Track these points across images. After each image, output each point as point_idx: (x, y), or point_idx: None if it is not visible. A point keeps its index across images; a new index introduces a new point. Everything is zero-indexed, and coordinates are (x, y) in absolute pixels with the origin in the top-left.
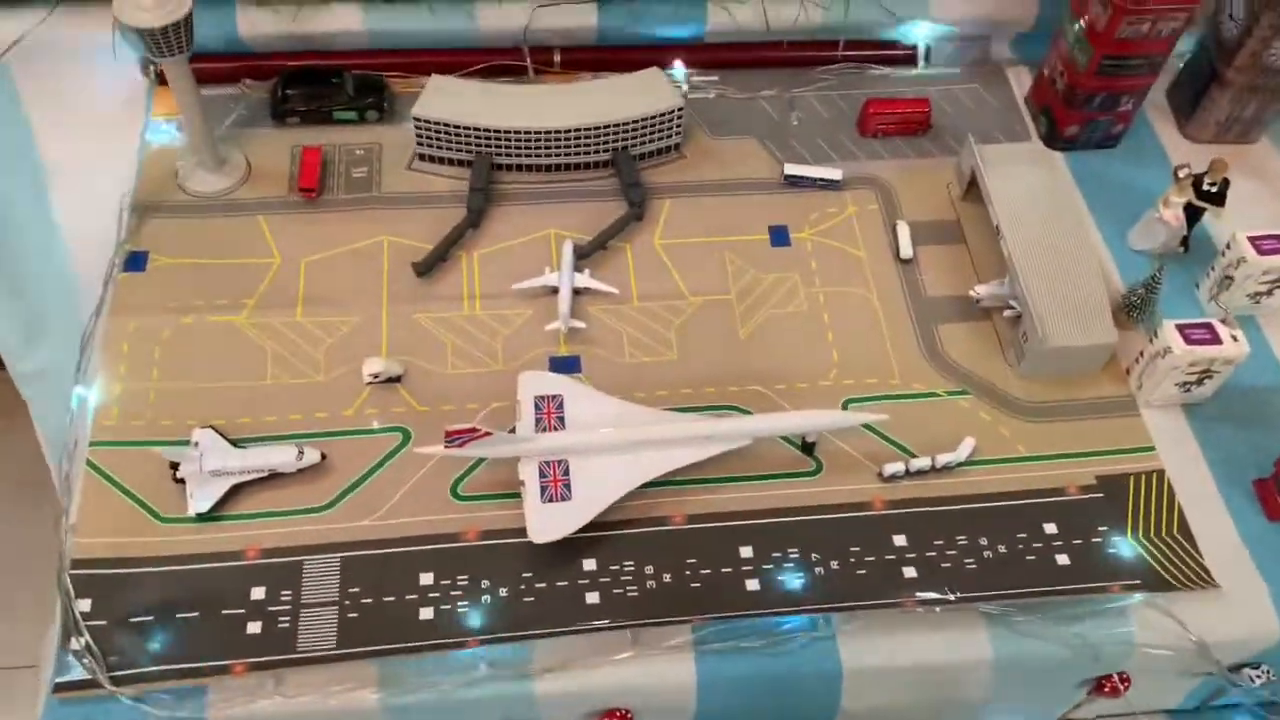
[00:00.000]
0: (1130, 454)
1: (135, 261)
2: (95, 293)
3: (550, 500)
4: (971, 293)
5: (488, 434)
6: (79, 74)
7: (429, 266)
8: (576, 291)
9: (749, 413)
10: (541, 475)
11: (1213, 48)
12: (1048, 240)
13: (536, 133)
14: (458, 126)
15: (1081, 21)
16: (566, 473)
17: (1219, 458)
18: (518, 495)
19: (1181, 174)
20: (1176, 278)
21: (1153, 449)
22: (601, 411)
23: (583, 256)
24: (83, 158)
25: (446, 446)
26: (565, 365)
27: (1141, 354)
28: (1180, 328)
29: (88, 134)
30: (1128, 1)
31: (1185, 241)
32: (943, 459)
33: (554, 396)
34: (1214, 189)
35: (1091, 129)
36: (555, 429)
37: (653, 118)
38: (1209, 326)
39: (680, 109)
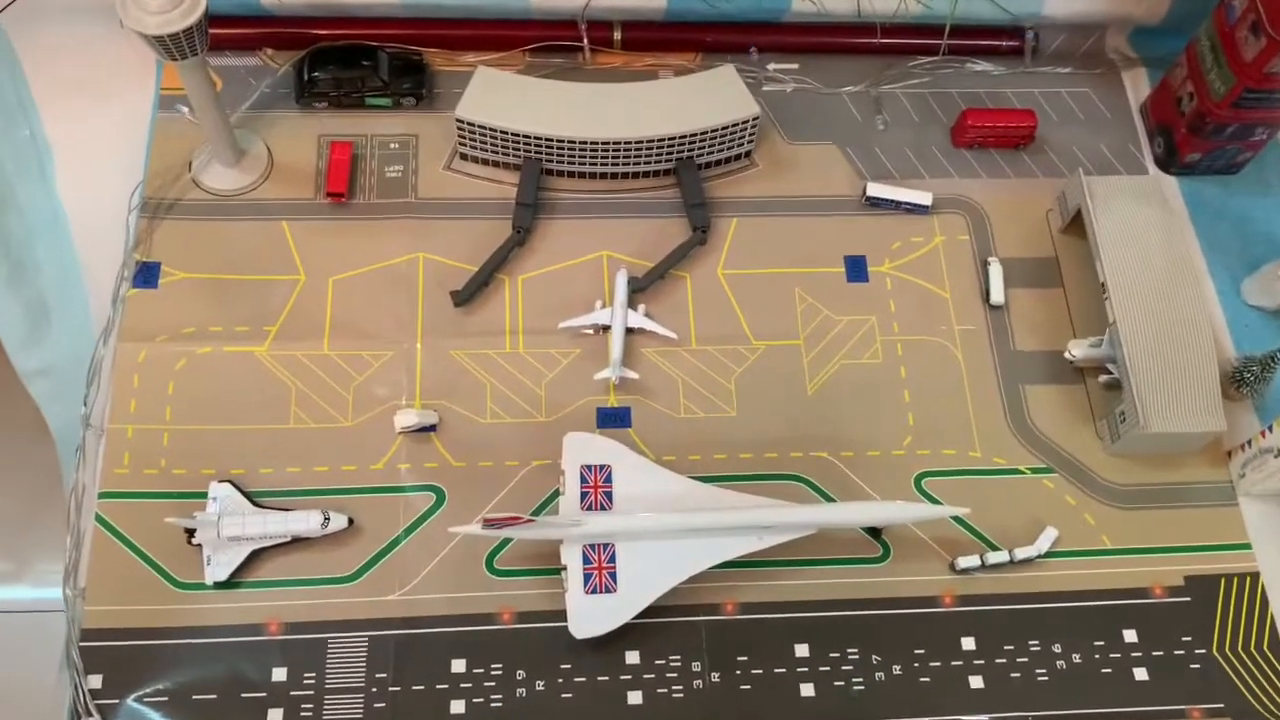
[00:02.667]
0: (1223, 551)
1: (146, 275)
2: (101, 287)
3: (594, 591)
4: (1067, 354)
5: (530, 521)
6: (83, 38)
7: (469, 296)
8: (630, 331)
9: (812, 484)
10: (586, 561)
11: None
12: (1159, 303)
13: (595, 143)
14: (506, 132)
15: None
16: (613, 559)
17: None
18: (557, 571)
19: None
20: None
21: (1248, 547)
22: (654, 488)
23: (638, 290)
24: (88, 132)
25: (485, 528)
26: (615, 419)
27: (1250, 443)
28: None
29: (93, 106)
30: None
31: None
32: (1022, 553)
33: (602, 467)
34: None
35: (1215, 157)
36: (602, 505)
37: (726, 128)
38: None
39: (756, 118)
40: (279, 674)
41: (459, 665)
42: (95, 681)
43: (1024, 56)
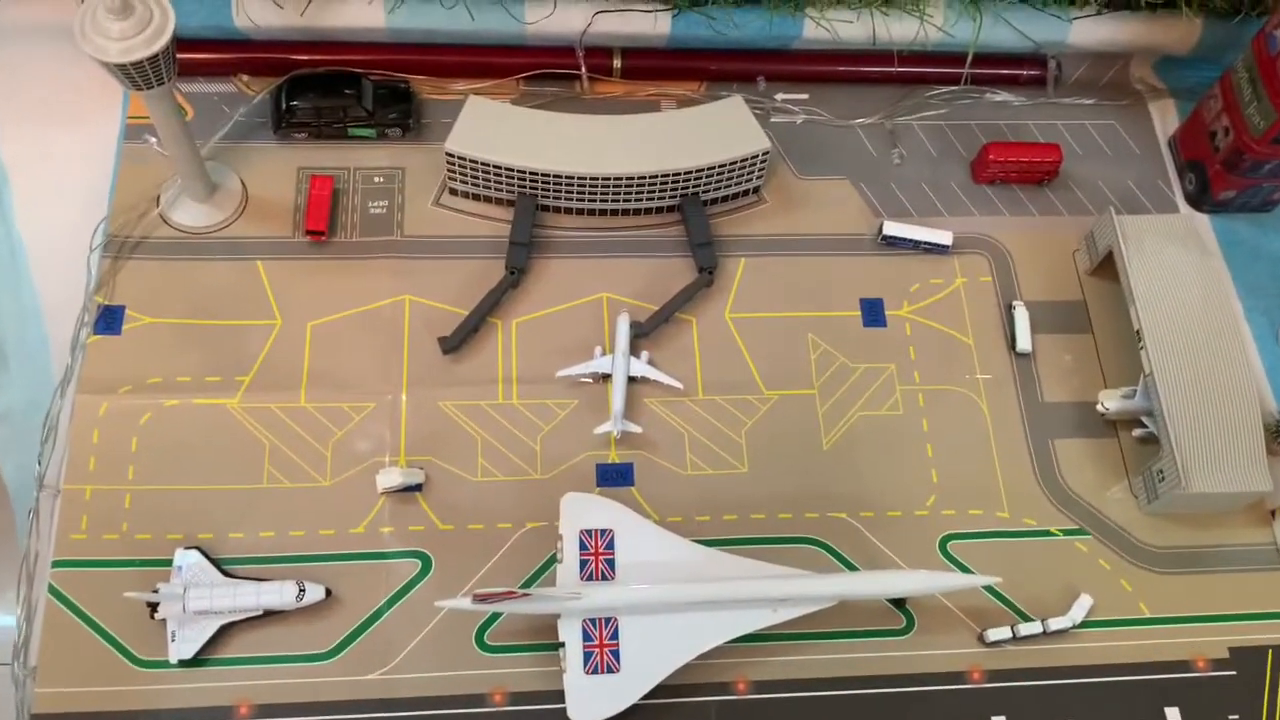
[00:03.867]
0: (1270, 620)
1: (109, 320)
2: (60, 331)
3: (595, 671)
4: (1099, 407)
5: (524, 594)
6: (44, 56)
7: (459, 342)
8: (632, 380)
9: (830, 548)
10: (586, 637)
11: None
12: (1198, 353)
13: (594, 178)
14: (498, 166)
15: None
16: (615, 635)
17: None
18: (555, 647)
19: None
20: None
21: None
22: (660, 555)
23: (641, 335)
24: (50, 160)
25: (474, 603)
26: (616, 476)
27: None
28: None
29: (56, 131)
30: None
31: None
32: (1056, 623)
33: (604, 533)
34: None
35: (1250, 194)
36: (603, 574)
37: (733, 163)
38: None
39: (765, 153)
40: None
41: None
42: None
43: (1046, 86)
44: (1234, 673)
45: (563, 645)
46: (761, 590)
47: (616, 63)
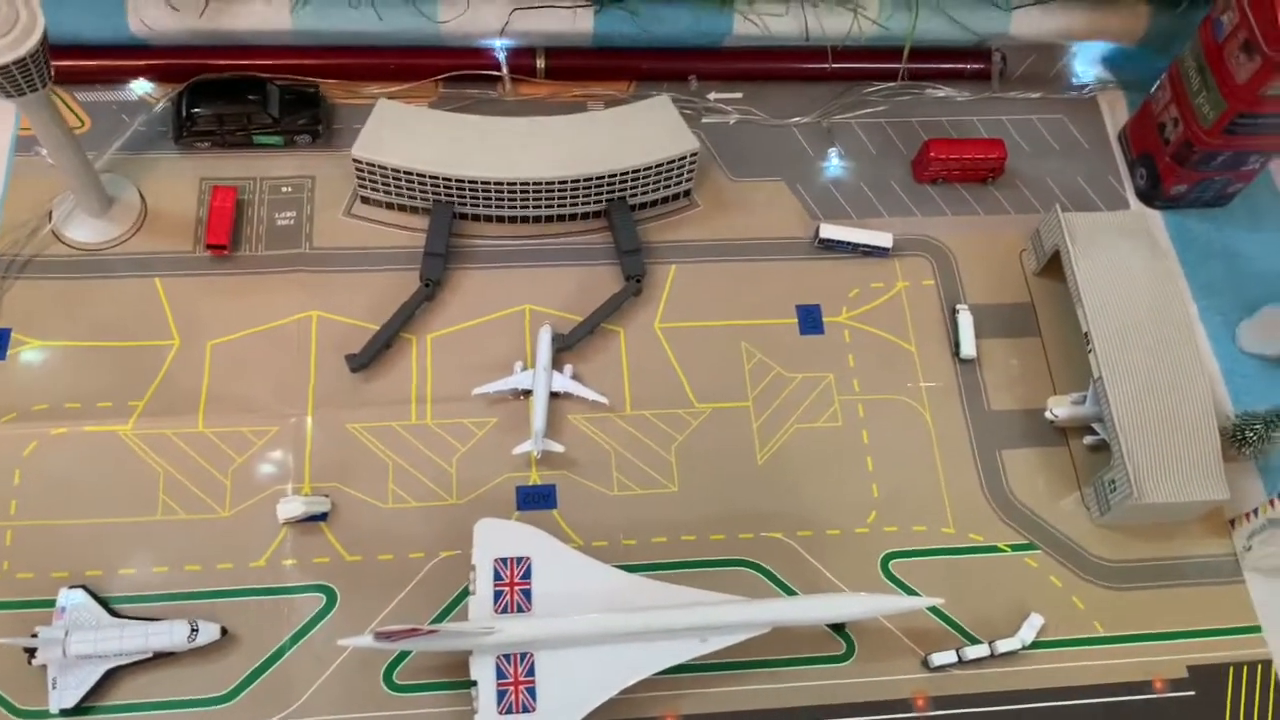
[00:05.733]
0: (1230, 636)
1: None
2: None
3: (509, 711)
4: (1048, 414)
5: (431, 631)
6: None
7: (368, 360)
8: (555, 395)
9: (766, 571)
10: (500, 675)
11: None
12: (1149, 355)
13: (513, 183)
14: (410, 172)
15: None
16: (531, 672)
17: None
18: (468, 684)
19: None
20: None
21: (1257, 629)
22: (581, 584)
23: (564, 348)
24: None
25: (377, 641)
26: (537, 499)
27: (1256, 512)
28: None
29: None
30: None
31: None
32: (1004, 645)
33: (520, 560)
34: None
35: (1203, 188)
36: (519, 605)
37: (661, 165)
38: None
39: (694, 153)
40: None
41: None
42: None
43: (990, 80)
44: (1193, 693)
45: (475, 684)
46: (689, 619)
47: (540, 63)
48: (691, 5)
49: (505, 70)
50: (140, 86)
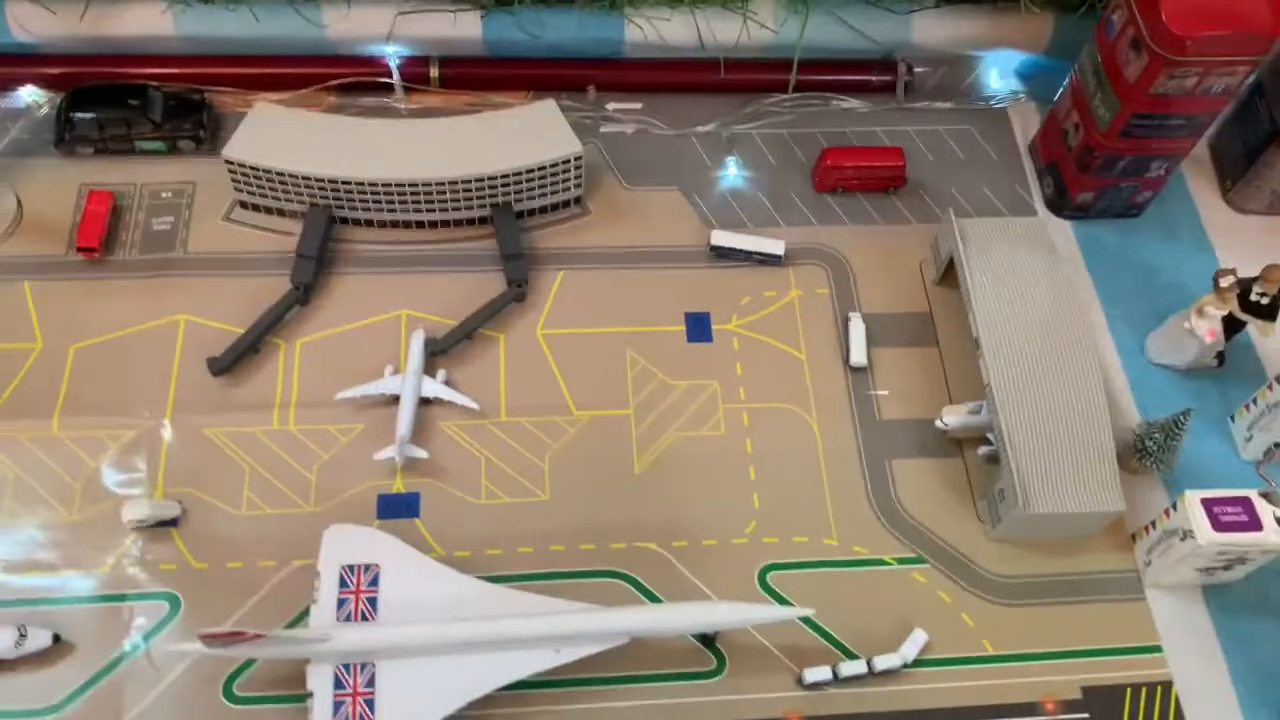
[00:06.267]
0: (1129, 655)
1: None
2: None
3: None
4: (938, 422)
5: (258, 636)
6: None
7: (230, 363)
8: (426, 401)
9: (636, 582)
10: (337, 685)
11: (1273, 97)
12: (1044, 362)
13: (389, 184)
14: (282, 174)
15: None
16: (371, 683)
17: (1248, 665)
18: (307, 697)
19: (1224, 283)
20: (1207, 402)
21: (1158, 649)
22: (431, 592)
23: (438, 353)
24: None
25: (206, 645)
26: (400, 507)
27: (1154, 524)
28: (1208, 504)
29: None
30: (1169, 48)
31: (1221, 355)
32: (883, 662)
33: (368, 568)
34: (1264, 300)
35: (1110, 197)
36: (364, 614)
37: (544, 168)
38: (1246, 503)
39: (578, 157)
40: None
41: None
42: None
43: (895, 92)
44: (1086, 715)
45: (311, 695)
46: (539, 629)
47: (434, 72)
48: (579, 11)
49: (397, 78)
50: (30, 94)
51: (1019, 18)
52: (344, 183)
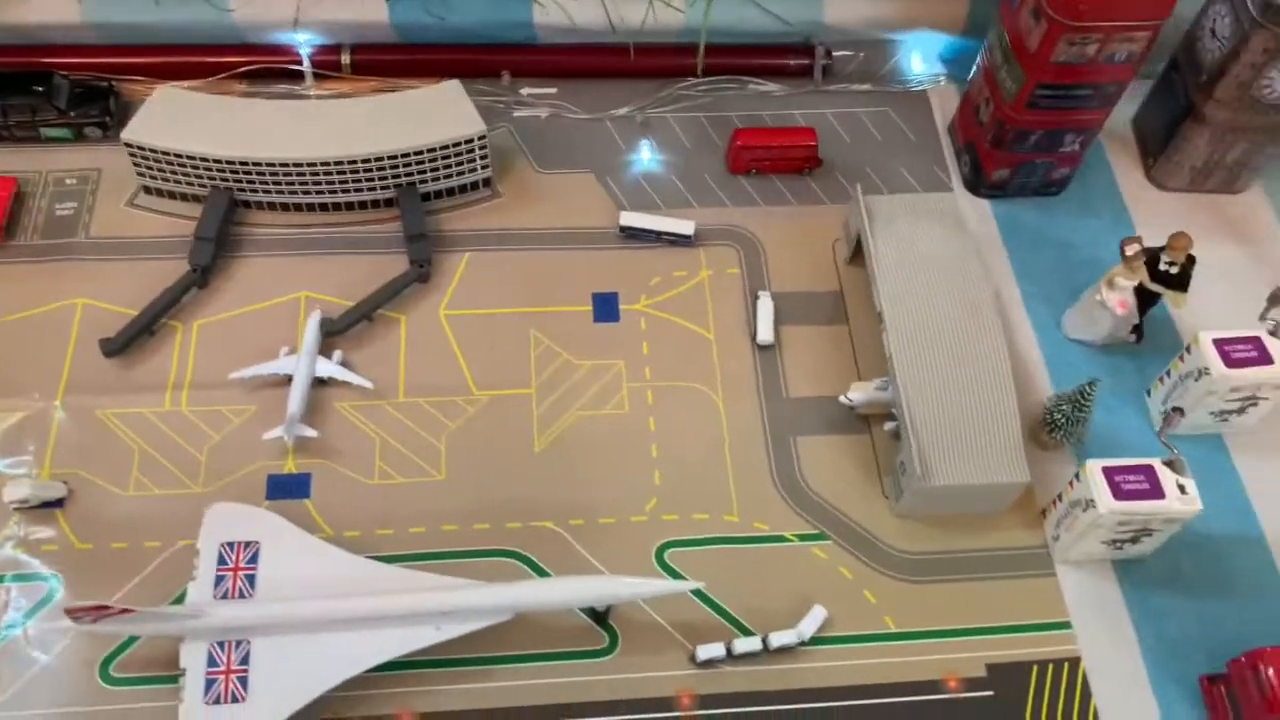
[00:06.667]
0: (1037, 632)
1: None
2: None
3: (218, 701)
4: (843, 398)
5: (125, 611)
6: None
7: (123, 344)
8: (322, 382)
9: (530, 561)
10: (211, 663)
11: (1188, 72)
12: (948, 336)
13: (287, 164)
14: (181, 155)
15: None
16: (246, 660)
17: (1158, 641)
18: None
19: (1130, 251)
20: (1124, 378)
21: (1068, 625)
22: (311, 570)
23: (334, 333)
24: None
25: (72, 620)
26: (290, 487)
27: (1060, 498)
28: (1109, 472)
29: None
30: (1066, 14)
31: (1138, 329)
32: (779, 639)
33: (248, 545)
34: (1173, 270)
35: (1026, 173)
36: (241, 592)
37: (446, 147)
38: (1149, 471)
39: (482, 136)
40: None
41: None
42: None
43: (812, 76)
44: (991, 693)
45: (184, 672)
46: (418, 604)
47: (345, 59)
48: None
49: (308, 65)
50: None
51: None
52: (243, 164)
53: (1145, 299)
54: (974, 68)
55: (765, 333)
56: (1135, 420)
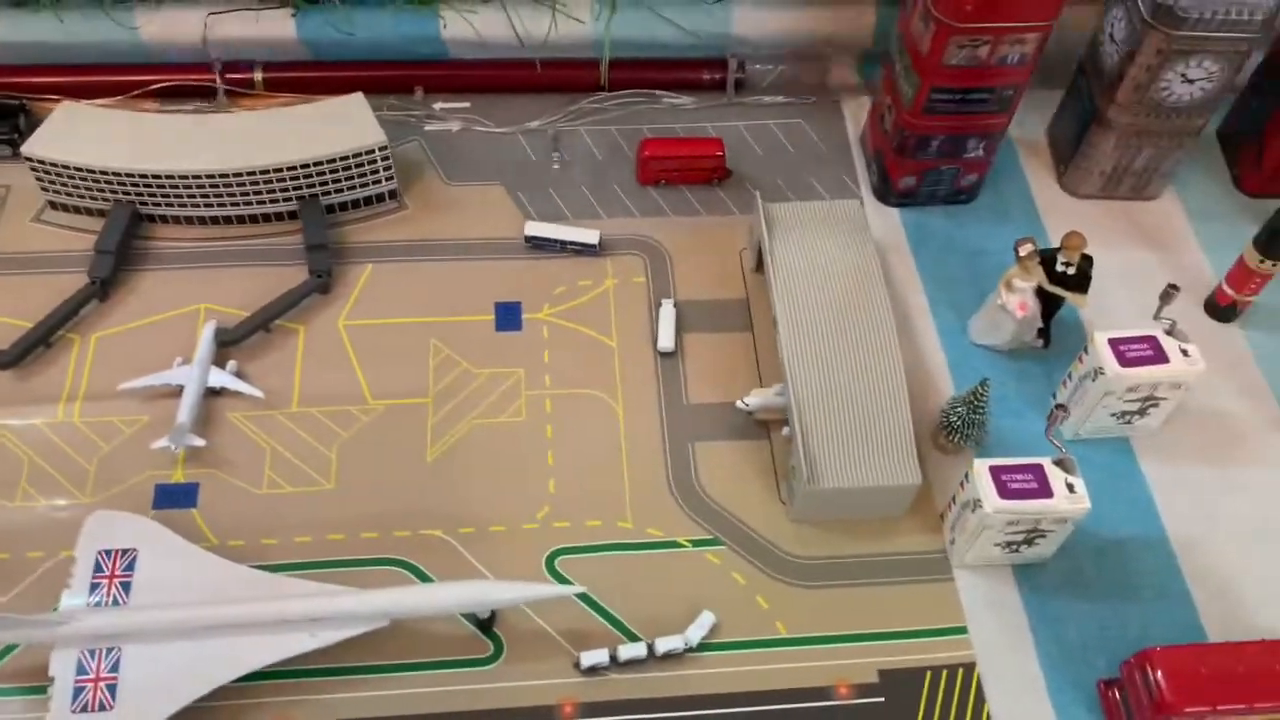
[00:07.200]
0: (933, 637)
1: None
2: None
3: (85, 709)
4: (739, 403)
5: None
6: None
7: (17, 356)
8: (216, 393)
9: (417, 569)
10: (80, 671)
11: (1093, 78)
12: (843, 340)
13: (187, 177)
14: (82, 169)
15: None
16: (116, 668)
17: (1056, 646)
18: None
19: (1023, 251)
20: (1031, 382)
21: (964, 630)
22: (189, 578)
23: (230, 343)
24: None
25: None
26: (177, 497)
27: (954, 500)
28: (996, 471)
29: None
30: (952, 16)
31: (1045, 334)
32: (665, 645)
33: (125, 553)
34: (1070, 270)
35: (933, 181)
36: (116, 599)
37: (346, 158)
38: (1037, 470)
39: (383, 147)
40: None
41: None
42: None
43: (725, 90)
44: (882, 699)
45: (52, 680)
46: (290, 610)
47: (258, 76)
48: (394, 7)
49: (220, 82)
50: None
51: (837, 7)
52: (143, 177)
53: (1049, 302)
54: (880, 77)
55: (666, 340)
56: (1040, 424)
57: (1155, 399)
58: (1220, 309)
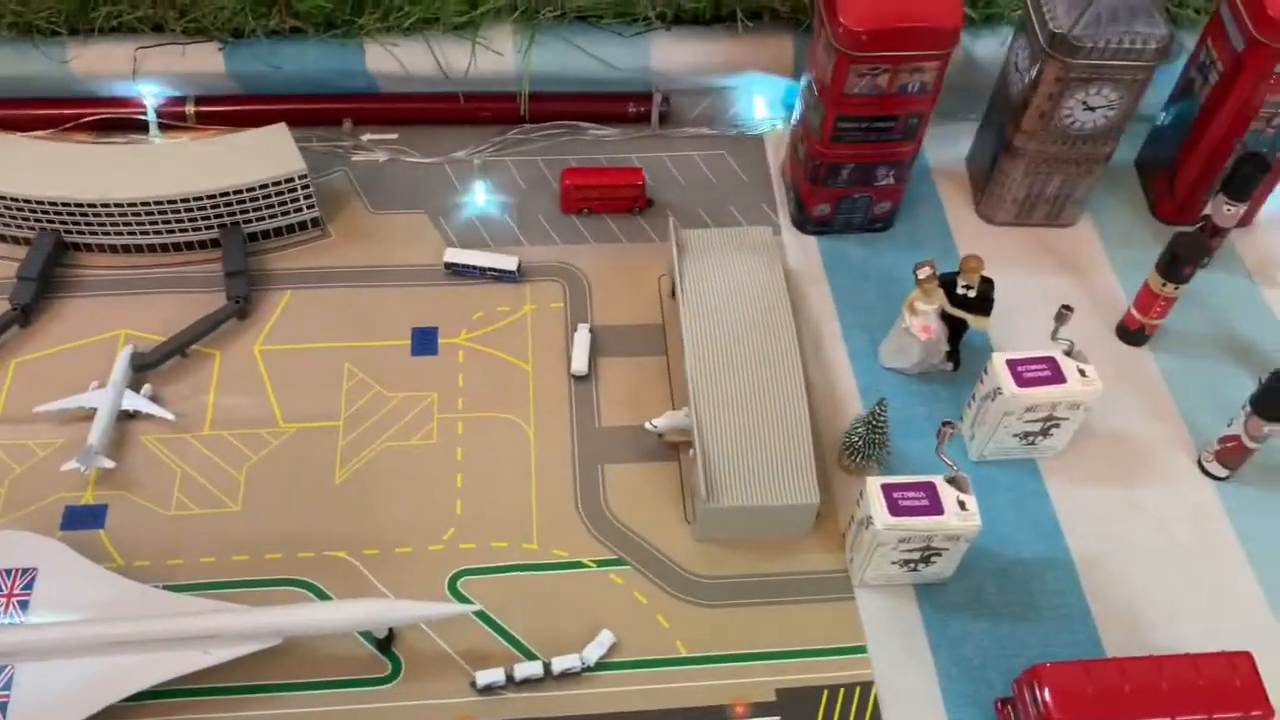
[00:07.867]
0: (832, 656)
1: None
2: None
3: None
4: (648, 424)
5: None
6: None
7: None
8: (130, 416)
9: (319, 590)
10: None
11: (1003, 107)
12: (745, 362)
13: (109, 205)
14: (5, 197)
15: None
16: (9, 686)
17: (955, 664)
18: None
19: (921, 274)
20: (940, 405)
21: (863, 650)
22: (87, 596)
23: (146, 367)
24: None
25: None
26: (85, 518)
27: (852, 519)
28: (888, 489)
29: None
30: (849, 45)
31: (954, 356)
32: (562, 663)
33: (25, 571)
34: (971, 293)
35: (848, 209)
36: (15, 619)
37: (266, 186)
38: (929, 488)
39: (303, 175)
40: None
41: None
42: None
43: (650, 121)
44: (778, 718)
45: None
46: (181, 627)
47: (189, 109)
48: (319, 40)
49: (152, 116)
50: None
51: (756, 41)
52: (65, 205)
53: (956, 326)
54: (795, 108)
55: (580, 363)
56: (949, 447)
57: (1055, 419)
58: (1130, 333)
